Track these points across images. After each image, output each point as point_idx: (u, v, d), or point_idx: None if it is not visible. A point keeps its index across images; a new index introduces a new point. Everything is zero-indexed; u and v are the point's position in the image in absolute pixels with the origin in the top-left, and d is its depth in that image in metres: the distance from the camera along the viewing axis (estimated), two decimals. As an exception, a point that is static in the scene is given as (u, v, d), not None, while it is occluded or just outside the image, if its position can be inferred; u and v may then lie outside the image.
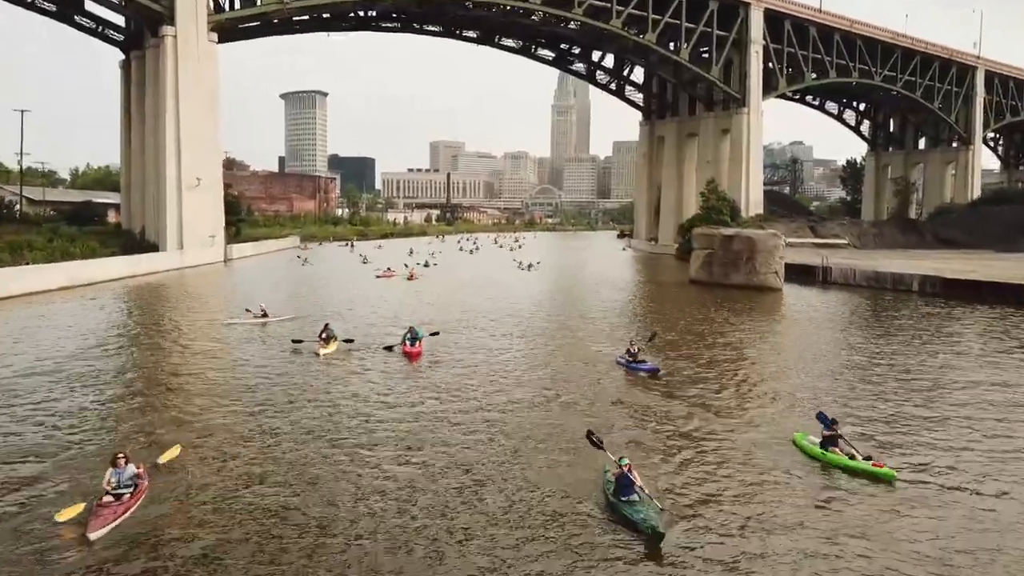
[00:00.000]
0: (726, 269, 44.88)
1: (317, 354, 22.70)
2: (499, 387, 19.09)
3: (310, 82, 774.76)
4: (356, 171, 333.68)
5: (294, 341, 24.17)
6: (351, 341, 24.30)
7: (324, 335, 23.79)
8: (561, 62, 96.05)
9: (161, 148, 60.39)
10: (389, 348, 23.56)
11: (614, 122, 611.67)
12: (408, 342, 22.99)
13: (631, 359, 21.42)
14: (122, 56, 71.05)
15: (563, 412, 16.84)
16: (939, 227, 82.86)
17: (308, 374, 20.53)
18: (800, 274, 48.07)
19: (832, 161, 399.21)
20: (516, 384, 19.50)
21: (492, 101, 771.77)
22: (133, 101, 68.27)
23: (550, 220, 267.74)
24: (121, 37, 69.96)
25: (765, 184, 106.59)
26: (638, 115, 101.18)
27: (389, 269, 54.86)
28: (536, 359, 23.07)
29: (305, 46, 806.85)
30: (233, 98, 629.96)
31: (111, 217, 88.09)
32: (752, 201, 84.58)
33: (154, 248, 61.35)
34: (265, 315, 29.88)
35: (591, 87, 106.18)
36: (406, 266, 57.19)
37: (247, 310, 30.59)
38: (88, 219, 78.16)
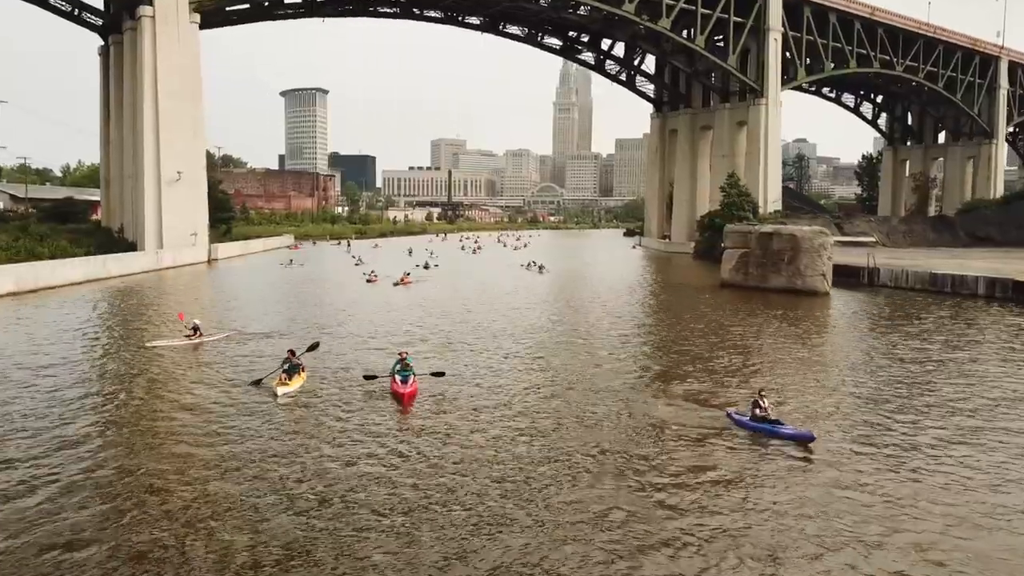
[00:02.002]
0: (764, 271, 39.95)
1: (275, 394, 17.04)
2: (537, 453, 13.39)
3: (310, 79, 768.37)
4: (357, 169, 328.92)
5: (254, 383, 18.27)
6: (316, 347, 20.31)
7: (287, 366, 18.02)
8: (569, 51, 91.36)
9: (139, 139, 55.81)
10: (371, 378, 18.12)
11: (617, 119, 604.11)
12: (398, 377, 17.24)
13: (755, 416, 14.98)
14: (101, 42, 66.49)
15: (664, 515, 10.86)
16: (973, 224, 78.11)
17: (256, 429, 14.55)
18: (841, 275, 42.96)
19: (835, 158, 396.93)
20: (562, 446, 13.75)
21: (494, 99, 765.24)
22: (112, 90, 63.72)
23: (553, 218, 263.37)
24: (99, 21, 65.30)
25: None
26: (642, 113, 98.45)
27: (373, 272, 48.44)
28: (580, 399, 17.26)
29: (306, 43, 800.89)
30: (233, 95, 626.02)
31: (97, 215, 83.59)
32: (770, 197, 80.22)
33: (132, 247, 56.83)
34: (197, 333, 24.17)
35: (593, 84, 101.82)
36: (404, 274, 47.48)
37: (186, 334, 24.50)
38: (70, 217, 73.64)
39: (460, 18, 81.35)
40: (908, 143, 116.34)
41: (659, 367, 21.86)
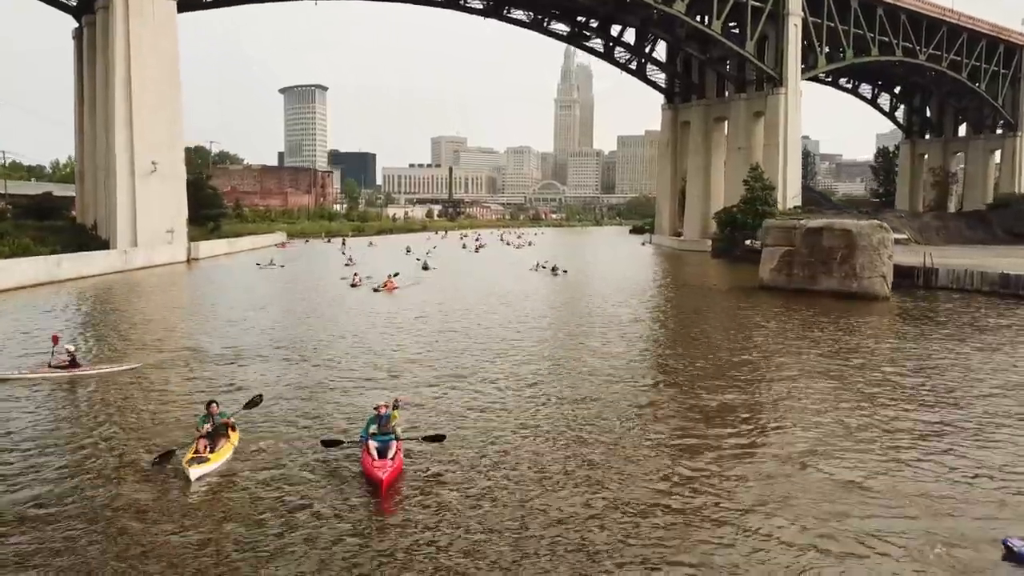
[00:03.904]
0: (812, 271, 35.06)
1: (188, 479, 11.21)
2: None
3: (306, 68, 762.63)
4: (357, 167, 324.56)
5: (157, 461, 11.81)
6: (257, 402, 13.53)
7: (210, 424, 12.23)
8: (576, 38, 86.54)
9: (111, 127, 51.05)
10: (332, 443, 12.47)
11: (618, 116, 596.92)
12: (373, 444, 11.70)
13: None
14: (75, 25, 61.78)
15: None
16: (1009, 220, 73.65)
17: (158, 544, 9.20)
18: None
19: (838, 155, 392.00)
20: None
21: (494, 96, 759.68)
22: (85, 76, 59.01)
23: (555, 216, 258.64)
24: (73, 2, 60.50)
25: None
26: (644, 109, 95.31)
27: (357, 275, 41.98)
28: (645, 485, 11.44)
29: (299, 31, 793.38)
30: (231, 92, 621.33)
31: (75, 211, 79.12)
32: (790, 192, 75.80)
33: (106, 245, 52.19)
34: (72, 363, 18.08)
35: (594, 81, 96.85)
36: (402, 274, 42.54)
37: (56, 363, 18.27)
38: (50, 213, 69.11)
39: (461, 1, 76.55)
40: (927, 136, 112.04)
41: (746, 411, 15.63)
